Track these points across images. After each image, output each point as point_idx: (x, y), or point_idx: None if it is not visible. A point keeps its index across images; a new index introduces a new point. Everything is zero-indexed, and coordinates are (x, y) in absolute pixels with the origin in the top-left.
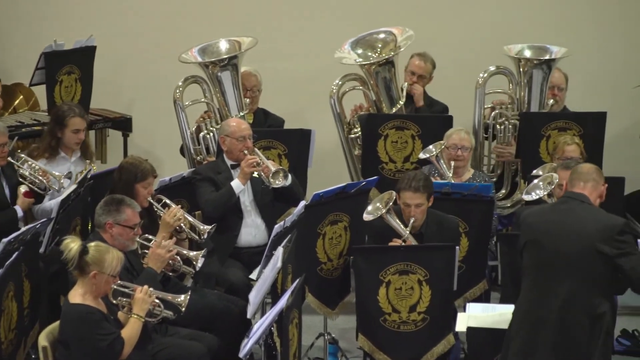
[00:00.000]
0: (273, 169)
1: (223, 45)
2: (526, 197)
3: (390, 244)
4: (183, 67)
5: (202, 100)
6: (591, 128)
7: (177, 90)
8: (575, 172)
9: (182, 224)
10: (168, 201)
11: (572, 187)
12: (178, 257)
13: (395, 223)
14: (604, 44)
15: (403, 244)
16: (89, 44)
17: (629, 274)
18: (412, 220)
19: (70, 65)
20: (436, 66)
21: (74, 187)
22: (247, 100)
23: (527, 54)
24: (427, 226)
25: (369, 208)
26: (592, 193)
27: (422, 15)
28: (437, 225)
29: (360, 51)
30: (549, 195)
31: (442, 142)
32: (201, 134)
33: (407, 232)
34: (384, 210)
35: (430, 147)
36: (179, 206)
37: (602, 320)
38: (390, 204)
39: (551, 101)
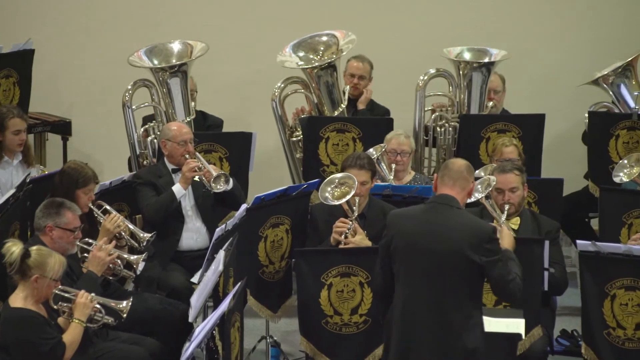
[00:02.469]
0: (214, 173)
1: (175, 47)
2: None
3: (338, 223)
4: (123, 70)
5: (148, 104)
6: (530, 130)
7: (127, 94)
8: (446, 168)
9: (122, 231)
10: (108, 207)
11: (442, 184)
12: (119, 260)
13: (349, 206)
14: (543, 46)
15: (350, 224)
16: (27, 47)
17: (494, 282)
18: (357, 199)
19: (8, 69)
20: (374, 67)
21: (12, 191)
22: (193, 104)
23: (467, 56)
24: (369, 208)
25: (328, 189)
26: (460, 193)
27: (362, 18)
28: (380, 211)
29: (302, 54)
30: (487, 197)
31: (382, 145)
32: (149, 139)
33: (356, 214)
34: (351, 194)
35: (371, 150)
36: (119, 214)
37: (475, 328)
38: (352, 191)
39: (490, 103)
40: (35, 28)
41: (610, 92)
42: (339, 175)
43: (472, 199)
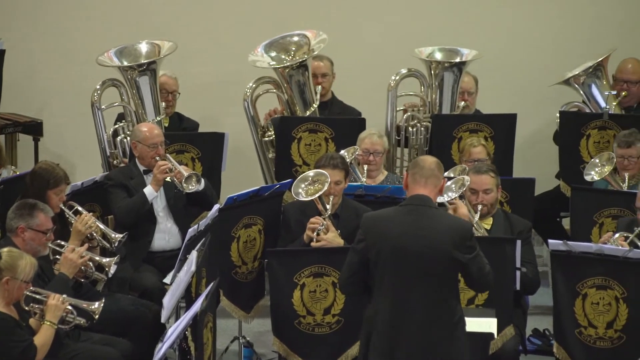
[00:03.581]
0: (186, 174)
1: (143, 48)
2: (439, 199)
3: (311, 220)
4: (94, 70)
5: (119, 103)
6: (502, 130)
7: (95, 93)
8: (416, 167)
9: (93, 232)
10: (80, 208)
11: (413, 183)
12: (91, 263)
13: (322, 204)
14: (514, 46)
15: (323, 222)
16: None
17: (476, 276)
18: (331, 198)
19: None
20: (346, 67)
21: None
22: (164, 104)
23: (438, 56)
24: (342, 209)
25: (302, 186)
26: (432, 191)
27: (334, 18)
28: (353, 211)
29: (273, 54)
30: (461, 197)
31: (355, 147)
32: (118, 138)
33: (329, 212)
34: (323, 190)
35: (343, 152)
36: (91, 214)
37: (460, 324)
38: (325, 186)
39: (462, 103)
40: (7, 28)
41: (581, 92)
42: (312, 172)
43: (446, 199)
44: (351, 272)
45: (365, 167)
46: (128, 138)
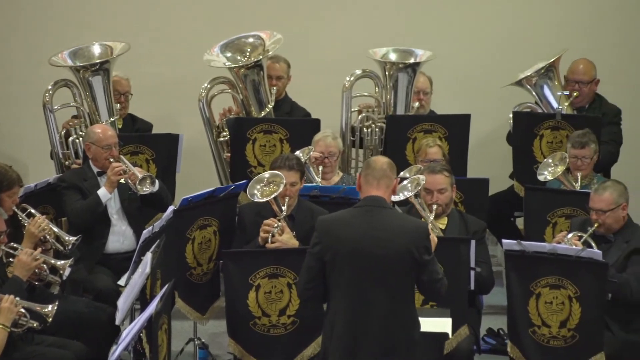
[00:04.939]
0: (140, 175)
1: (95, 50)
2: (394, 198)
3: (266, 222)
4: (48, 71)
5: (72, 104)
6: (456, 130)
7: (47, 94)
8: (368, 168)
9: (47, 234)
10: (33, 210)
11: (366, 184)
12: (45, 265)
13: (277, 205)
14: (469, 46)
15: (278, 223)
16: None
17: (427, 281)
18: (286, 200)
19: None
20: (302, 67)
21: None
22: (118, 105)
23: (393, 57)
24: (298, 210)
25: (257, 187)
26: (385, 191)
27: (288, 19)
28: (309, 212)
29: (229, 54)
30: (416, 196)
31: (310, 147)
32: (70, 139)
33: (284, 214)
34: (278, 191)
35: (298, 152)
36: (44, 216)
37: (417, 325)
38: (281, 187)
39: (416, 104)
40: None
41: (534, 93)
42: (267, 173)
43: (402, 198)
44: (309, 277)
45: (321, 168)
46: (80, 139)
